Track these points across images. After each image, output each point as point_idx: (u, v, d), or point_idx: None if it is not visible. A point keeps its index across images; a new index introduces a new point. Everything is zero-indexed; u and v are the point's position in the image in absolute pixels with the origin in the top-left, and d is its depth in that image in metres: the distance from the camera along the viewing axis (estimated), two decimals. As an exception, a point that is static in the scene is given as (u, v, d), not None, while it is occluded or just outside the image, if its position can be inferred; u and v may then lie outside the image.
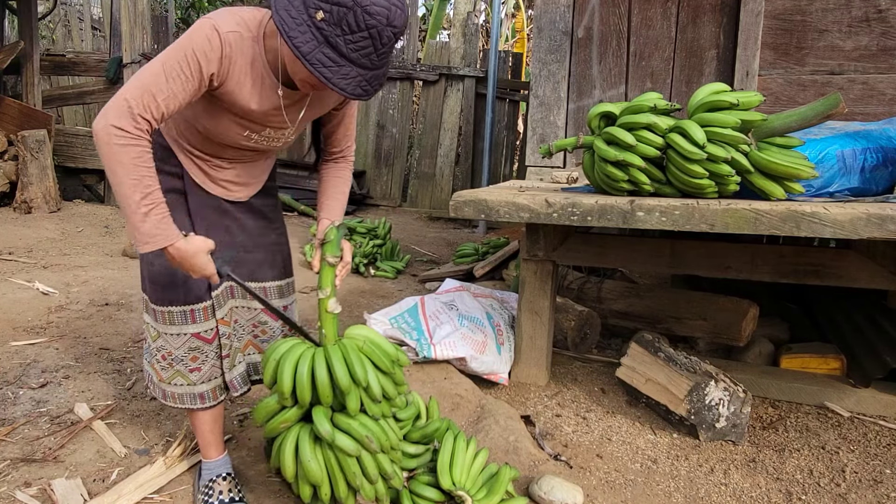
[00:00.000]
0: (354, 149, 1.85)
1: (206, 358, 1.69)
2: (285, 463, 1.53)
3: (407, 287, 4.16)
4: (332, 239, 1.58)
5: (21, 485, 1.78)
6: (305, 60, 1.29)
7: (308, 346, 1.58)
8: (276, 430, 1.57)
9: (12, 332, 2.86)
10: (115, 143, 1.32)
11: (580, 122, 3.32)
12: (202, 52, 1.38)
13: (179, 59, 1.37)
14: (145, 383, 1.81)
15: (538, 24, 3.37)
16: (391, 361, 1.58)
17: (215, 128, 1.55)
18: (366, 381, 1.50)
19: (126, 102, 1.33)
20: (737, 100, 2.01)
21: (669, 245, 2.47)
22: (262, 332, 1.82)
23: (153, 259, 1.62)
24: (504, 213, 2.09)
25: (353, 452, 1.49)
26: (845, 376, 2.55)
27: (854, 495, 1.90)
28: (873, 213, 1.69)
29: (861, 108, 2.83)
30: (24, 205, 5.52)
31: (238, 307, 1.75)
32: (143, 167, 1.35)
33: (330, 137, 1.79)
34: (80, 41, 9.20)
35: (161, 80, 1.35)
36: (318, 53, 1.30)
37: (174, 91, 1.37)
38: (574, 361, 2.87)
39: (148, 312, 1.69)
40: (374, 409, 1.55)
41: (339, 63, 1.31)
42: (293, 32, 1.29)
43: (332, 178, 1.81)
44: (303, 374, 1.50)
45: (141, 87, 1.35)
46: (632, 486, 1.94)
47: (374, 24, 1.29)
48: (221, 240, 1.67)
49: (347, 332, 1.63)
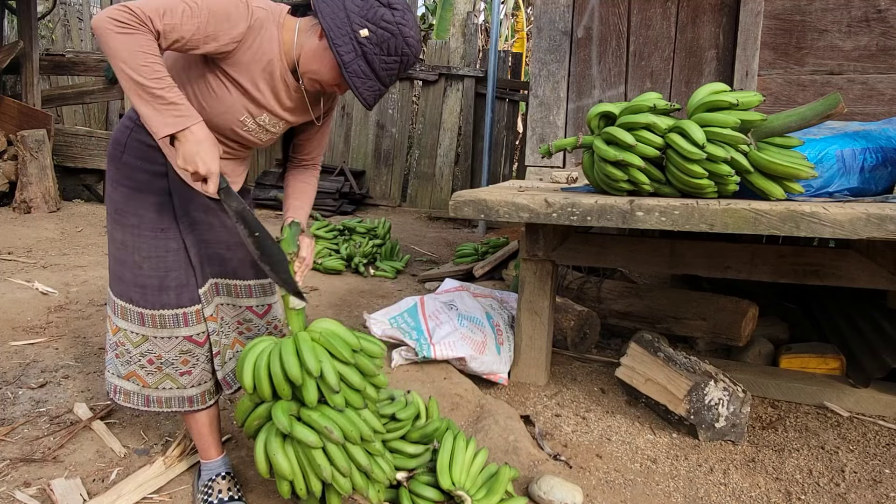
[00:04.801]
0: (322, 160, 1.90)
1: (197, 361, 1.67)
2: (258, 460, 1.54)
3: (406, 287, 4.16)
4: (287, 236, 1.61)
5: (20, 485, 1.78)
6: (345, 69, 1.42)
7: (272, 342, 1.58)
8: (252, 428, 1.59)
9: (11, 331, 2.86)
10: (116, 33, 1.30)
11: (580, 121, 3.32)
12: (220, 17, 1.40)
13: (198, 5, 1.38)
14: (110, 395, 1.71)
15: (538, 24, 3.37)
16: (351, 351, 1.55)
17: (219, 105, 1.54)
18: (318, 370, 1.48)
19: (124, 5, 1.32)
20: (736, 100, 2.01)
21: (669, 245, 2.47)
22: (247, 329, 1.81)
23: (141, 262, 1.59)
24: (504, 213, 2.09)
25: (313, 444, 1.48)
26: (844, 376, 2.55)
27: (853, 495, 1.90)
28: (873, 213, 1.69)
29: (860, 108, 2.83)
30: (24, 205, 5.51)
31: (223, 304, 1.74)
32: (151, 54, 1.33)
33: (304, 145, 1.83)
34: (80, 41, 9.18)
35: (176, 8, 1.35)
36: (355, 65, 1.43)
37: (182, 23, 1.36)
38: (573, 361, 2.87)
39: (127, 318, 1.63)
40: (335, 399, 1.52)
41: (369, 77, 1.46)
42: (339, 41, 1.41)
43: (300, 182, 1.84)
44: (260, 370, 1.51)
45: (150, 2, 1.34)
46: (631, 486, 1.94)
47: (407, 53, 1.47)
48: (203, 236, 1.67)
49: (310, 327, 1.61)
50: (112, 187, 1.62)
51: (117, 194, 1.60)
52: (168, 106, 1.36)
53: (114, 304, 1.65)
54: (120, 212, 1.60)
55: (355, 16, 1.42)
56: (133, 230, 1.59)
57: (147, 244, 1.59)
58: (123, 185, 1.59)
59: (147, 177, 1.59)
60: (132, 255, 1.60)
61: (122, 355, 1.67)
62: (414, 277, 4.43)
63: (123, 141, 1.60)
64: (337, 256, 4.50)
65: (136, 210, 1.58)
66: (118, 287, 1.64)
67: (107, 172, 1.65)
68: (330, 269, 4.35)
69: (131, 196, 1.59)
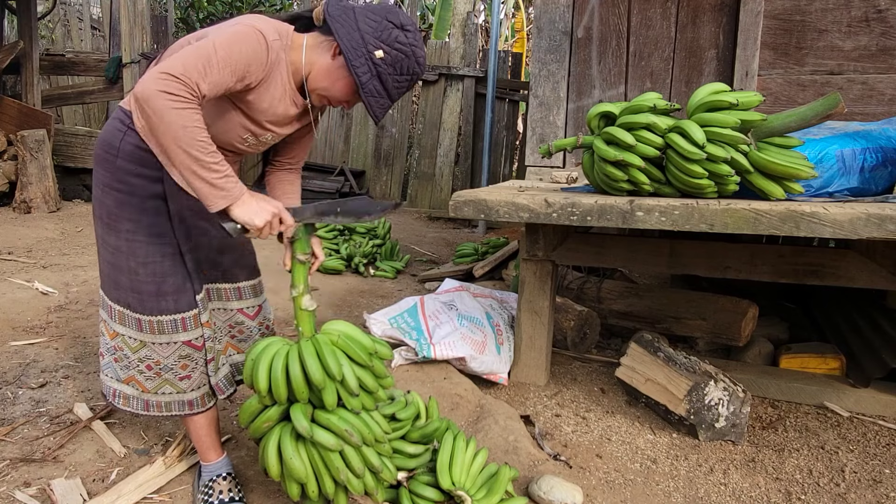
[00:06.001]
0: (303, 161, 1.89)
1: (195, 365, 1.67)
2: (269, 462, 1.52)
3: (406, 287, 4.16)
4: (301, 237, 1.59)
5: (20, 485, 1.78)
6: (362, 89, 1.47)
7: (284, 344, 1.57)
8: (260, 430, 1.57)
9: (11, 331, 2.86)
10: (172, 108, 1.27)
11: (580, 121, 3.32)
12: (248, 60, 1.40)
13: (228, 55, 1.36)
14: (108, 399, 1.70)
15: (538, 24, 3.37)
16: (368, 354, 1.57)
17: (224, 125, 1.54)
18: (340, 374, 1.49)
19: (170, 74, 1.28)
20: (736, 100, 2.01)
21: (669, 245, 2.47)
22: (240, 332, 1.81)
23: (136, 268, 1.57)
24: (504, 213, 2.09)
25: (333, 447, 1.49)
26: (844, 376, 2.55)
27: (853, 495, 1.90)
28: (872, 213, 1.69)
29: (860, 108, 2.83)
30: (24, 204, 5.51)
31: (215, 310, 1.74)
32: (201, 128, 1.32)
33: (290, 149, 1.81)
34: (80, 41, 9.19)
35: (211, 63, 1.33)
36: (370, 84, 1.48)
37: (216, 80, 1.35)
38: (573, 361, 2.87)
39: (125, 324, 1.62)
40: (352, 402, 1.53)
41: (381, 95, 1.50)
42: (356, 62, 1.45)
43: (284, 182, 1.83)
44: (277, 372, 1.50)
45: (187, 63, 1.30)
46: (631, 486, 1.94)
47: (416, 73, 1.53)
48: (198, 242, 1.67)
49: (324, 328, 1.61)
50: (102, 191, 1.57)
51: (109, 199, 1.56)
52: (222, 179, 1.36)
53: (110, 309, 1.64)
54: (113, 216, 1.56)
55: (370, 37, 1.46)
56: (127, 235, 1.56)
57: (143, 250, 1.56)
58: (116, 189, 1.55)
59: (142, 182, 1.55)
60: (127, 261, 1.57)
61: (121, 360, 1.66)
62: (414, 277, 4.43)
63: (116, 145, 1.54)
64: (337, 256, 4.50)
65: (130, 215, 1.55)
66: (115, 292, 1.62)
67: (95, 175, 1.60)
68: (330, 269, 4.35)
69: (125, 201, 1.55)
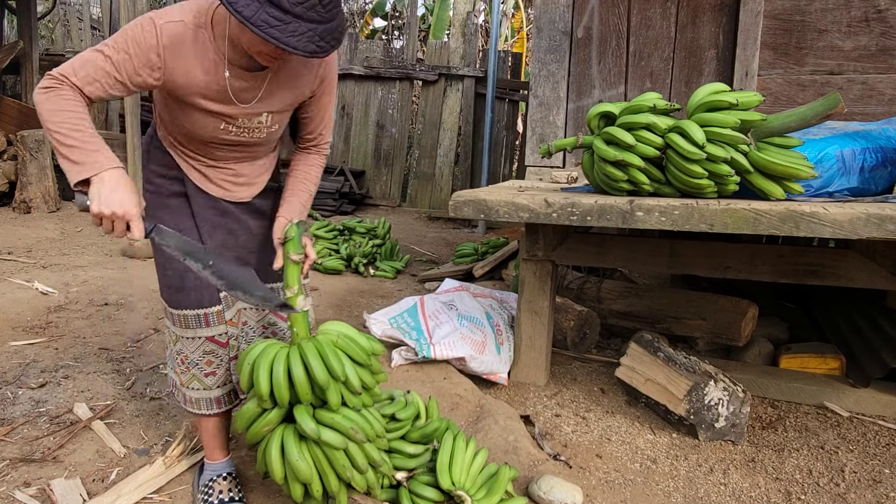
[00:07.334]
0: (330, 141, 1.80)
1: (220, 362, 1.70)
2: (273, 465, 1.51)
3: (406, 287, 4.16)
4: (293, 236, 1.58)
5: (20, 485, 1.78)
6: (250, 23, 1.26)
7: (282, 346, 1.57)
8: (260, 434, 1.55)
9: (11, 331, 2.86)
10: (42, 98, 1.36)
11: (579, 121, 3.32)
12: (134, 42, 1.41)
13: (112, 44, 1.41)
14: (169, 389, 1.84)
15: (537, 24, 3.37)
16: (367, 353, 1.58)
17: (192, 125, 1.56)
18: (344, 375, 1.50)
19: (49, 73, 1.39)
20: (736, 100, 2.01)
21: (669, 245, 2.47)
22: (273, 334, 1.80)
23: (165, 263, 1.65)
24: (503, 213, 2.09)
25: (340, 445, 1.49)
26: (844, 376, 2.55)
27: (853, 495, 1.90)
28: (872, 213, 1.69)
29: (860, 108, 2.83)
30: (24, 204, 5.51)
31: (246, 308, 1.74)
32: (69, 110, 1.36)
33: (304, 121, 1.73)
34: (80, 41, 9.18)
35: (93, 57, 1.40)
36: (262, 14, 1.26)
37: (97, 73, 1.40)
38: (573, 361, 2.87)
39: (167, 317, 1.72)
40: (354, 401, 1.55)
41: (284, 20, 1.27)
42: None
43: (300, 171, 1.75)
44: (279, 374, 1.49)
45: (71, 62, 1.41)
46: (631, 486, 1.94)
47: None
48: (224, 241, 1.69)
49: (321, 329, 1.62)
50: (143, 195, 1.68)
51: (145, 200, 1.64)
52: (84, 154, 1.36)
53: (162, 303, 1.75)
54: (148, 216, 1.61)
55: None
56: None
57: None
58: (147, 189, 1.70)
59: (164, 181, 1.68)
60: (159, 258, 1.69)
61: (169, 353, 1.77)
62: (414, 277, 4.43)
63: (147, 150, 1.72)
64: (337, 256, 4.50)
65: (155, 213, 1.66)
66: (160, 288, 1.73)
67: None
68: (330, 269, 4.35)
69: (151, 200, 1.67)
